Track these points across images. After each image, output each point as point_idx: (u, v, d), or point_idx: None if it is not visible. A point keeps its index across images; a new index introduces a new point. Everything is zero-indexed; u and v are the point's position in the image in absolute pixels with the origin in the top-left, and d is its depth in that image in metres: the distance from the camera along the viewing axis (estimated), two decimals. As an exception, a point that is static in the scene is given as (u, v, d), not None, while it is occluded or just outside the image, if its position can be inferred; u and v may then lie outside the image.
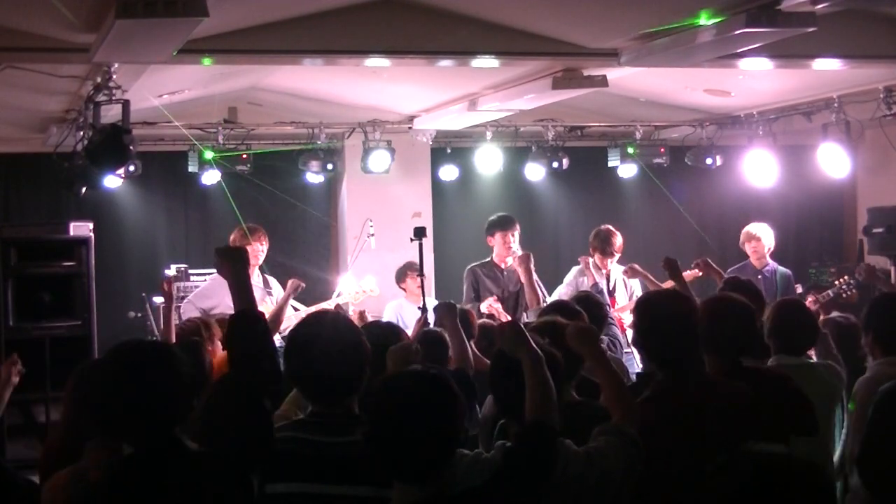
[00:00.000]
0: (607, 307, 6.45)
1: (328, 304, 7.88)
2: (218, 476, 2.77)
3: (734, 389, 3.70)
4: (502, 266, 7.66)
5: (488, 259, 7.77)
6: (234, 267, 3.13)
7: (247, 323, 3.00)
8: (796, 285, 8.49)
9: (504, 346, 3.27)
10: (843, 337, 5.32)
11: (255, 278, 7.69)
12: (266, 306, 7.37)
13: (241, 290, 3.08)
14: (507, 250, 7.63)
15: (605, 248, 7.83)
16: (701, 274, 7.16)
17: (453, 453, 2.74)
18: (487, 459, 3.17)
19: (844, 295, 7.91)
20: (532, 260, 6.98)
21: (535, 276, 7.07)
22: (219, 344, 5.10)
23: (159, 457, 2.77)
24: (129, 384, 2.79)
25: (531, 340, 3.20)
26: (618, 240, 7.88)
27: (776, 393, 3.94)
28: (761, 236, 8.27)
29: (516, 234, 7.70)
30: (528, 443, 2.93)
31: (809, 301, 7.62)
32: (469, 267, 7.81)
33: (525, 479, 2.84)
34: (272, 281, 7.82)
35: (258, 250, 7.63)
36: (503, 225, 7.73)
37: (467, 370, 4.36)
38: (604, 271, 7.92)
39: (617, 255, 7.92)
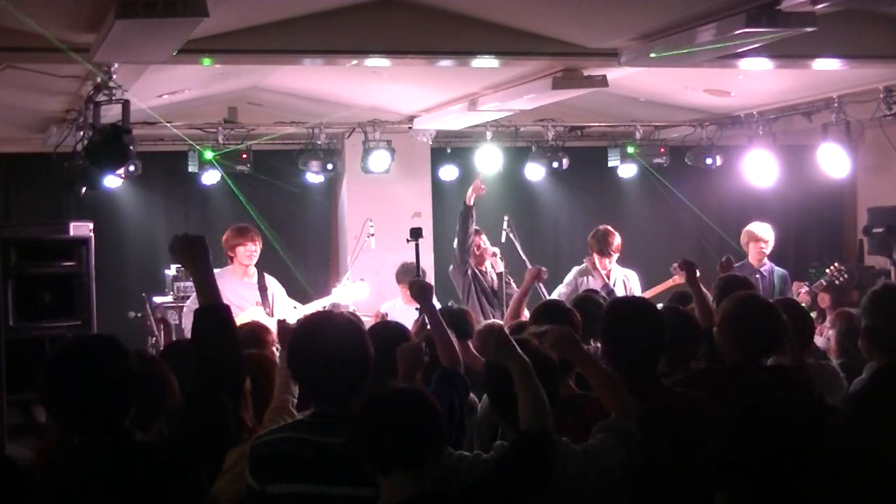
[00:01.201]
0: None
1: (323, 303, 7.89)
2: (163, 467, 2.78)
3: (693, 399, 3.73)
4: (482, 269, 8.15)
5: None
6: (189, 256, 3.09)
7: (211, 316, 2.99)
8: (802, 283, 8.49)
9: (489, 356, 3.28)
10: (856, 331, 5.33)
11: (251, 277, 7.71)
12: (255, 309, 7.39)
13: (202, 281, 3.04)
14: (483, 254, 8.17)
15: (602, 248, 7.87)
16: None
17: (438, 445, 2.75)
18: (486, 460, 3.18)
19: (837, 281, 7.94)
20: (541, 274, 7.22)
21: (542, 288, 7.30)
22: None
23: (103, 448, 2.77)
24: (68, 378, 2.81)
25: (517, 348, 3.20)
26: (616, 240, 7.91)
27: None
28: (769, 239, 8.31)
29: (483, 237, 8.24)
30: (522, 451, 2.92)
31: (803, 293, 7.66)
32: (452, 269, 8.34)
33: (517, 486, 2.83)
34: (271, 280, 7.82)
35: (251, 251, 7.65)
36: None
37: (458, 366, 4.37)
38: (603, 272, 7.94)
39: (615, 255, 7.95)
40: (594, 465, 3.17)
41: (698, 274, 5.77)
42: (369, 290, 8.28)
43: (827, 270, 8.11)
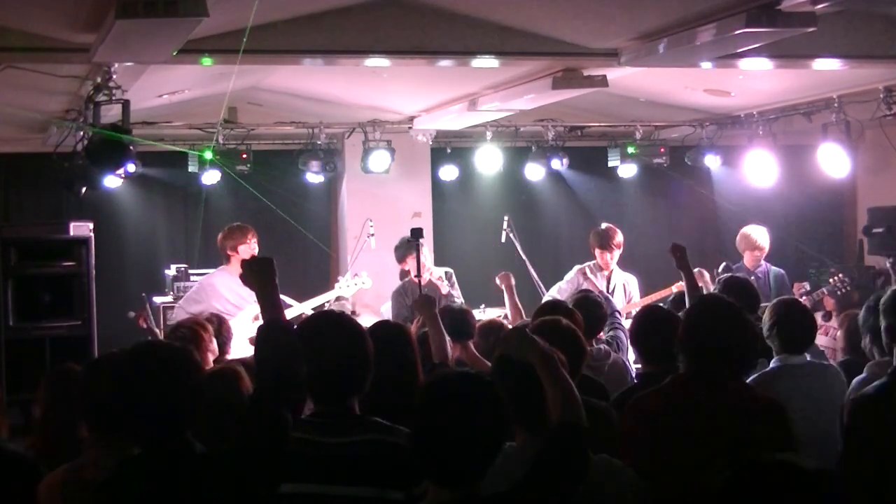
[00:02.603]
0: (617, 312, 6.46)
1: (321, 300, 7.88)
2: (224, 479, 2.77)
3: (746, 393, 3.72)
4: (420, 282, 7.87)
5: (407, 279, 8.03)
6: (262, 279, 3.05)
7: (275, 333, 2.96)
8: (804, 283, 8.48)
9: (511, 352, 3.24)
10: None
11: None
12: (253, 309, 7.39)
13: (268, 300, 3.01)
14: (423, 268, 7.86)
15: (603, 242, 7.86)
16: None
17: (495, 457, 2.71)
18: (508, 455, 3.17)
19: (839, 292, 7.93)
20: (512, 278, 7.00)
21: (540, 285, 7.18)
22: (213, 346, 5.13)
23: (168, 457, 2.77)
24: (145, 385, 2.81)
25: (539, 341, 3.19)
26: (618, 236, 7.92)
27: None
28: (765, 246, 8.28)
29: (425, 250, 7.85)
30: (559, 446, 2.88)
31: (804, 300, 7.66)
32: (394, 291, 8.13)
33: (559, 482, 2.80)
34: None
35: (254, 249, 7.64)
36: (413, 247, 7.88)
37: (447, 363, 4.44)
38: (605, 272, 7.94)
39: (617, 251, 7.93)
40: (601, 467, 3.16)
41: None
42: (370, 282, 8.30)
43: (830, 280, 8.09)
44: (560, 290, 7.77)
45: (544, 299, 7.28)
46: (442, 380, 2.79)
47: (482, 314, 7.79)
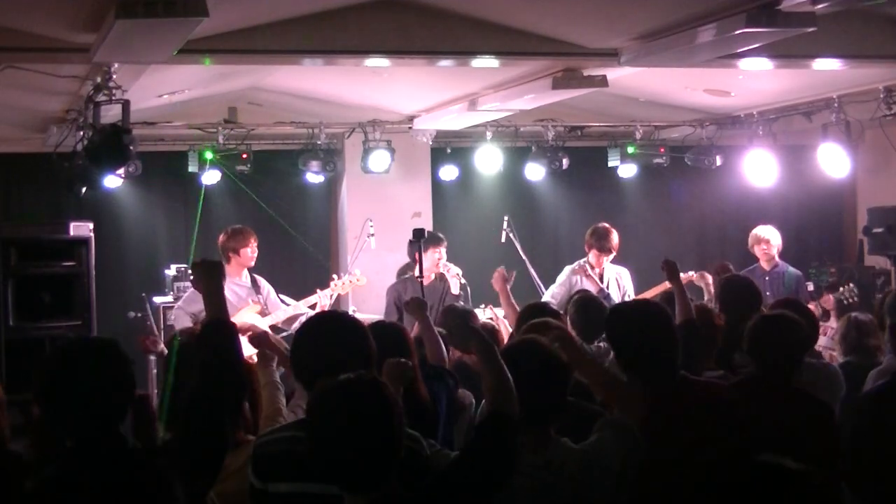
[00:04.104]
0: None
1: (317, 299, 7.88)
2: (156, 475, 2.77)
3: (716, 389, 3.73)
4: (423, 282, 7.60)
5: (408, 275, 7.96)
6: (208, 281, 3.17)
7: (218, 330, 3.02)
8: (807, 282, 8.50)
9: (454, 342, 3.27)
10: (862, 333, 5.41)
11: (243, 279, 7.74)
12: (252, 308, 7.43)
13: (214, 299, 3.12)
14: (436, 265, 7.89)
15: (602, 245, 7.89)
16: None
17: (394, 460, 2.70)
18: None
19: (846, 302, 7.92)
20: (504, 280, 6.89)
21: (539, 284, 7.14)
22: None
23: (97, 452, 2.76)
24: (66, 379, 2.80)
25: (479, 330, 3.20)
26: (615, 237, 7.93)
27: None
28: (770, 238, 8.34)
29: (443, 250, 7.94)
30: (486, 437, 2.87)
31: (812, 306, 7.64)
32: (390, 286, 8.11)
33: (482, 473, 2.78)
34: (262, 280, 7.85)
35: (255, 251, 7.68)
36: (434, 241, 7.94)
37: (443, 363, 4.45)
38: (597, 270, 7.96)
39: (613, 254, 7.96)
40: (594, 464, 3.17)
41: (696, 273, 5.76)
42: (365, 279, 8.30)
43: (840, 288, 8.09)
44: (553, 295, 7.77)
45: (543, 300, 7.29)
46: (330, 388, 2.78)
47: (483, 313, 7.78)
